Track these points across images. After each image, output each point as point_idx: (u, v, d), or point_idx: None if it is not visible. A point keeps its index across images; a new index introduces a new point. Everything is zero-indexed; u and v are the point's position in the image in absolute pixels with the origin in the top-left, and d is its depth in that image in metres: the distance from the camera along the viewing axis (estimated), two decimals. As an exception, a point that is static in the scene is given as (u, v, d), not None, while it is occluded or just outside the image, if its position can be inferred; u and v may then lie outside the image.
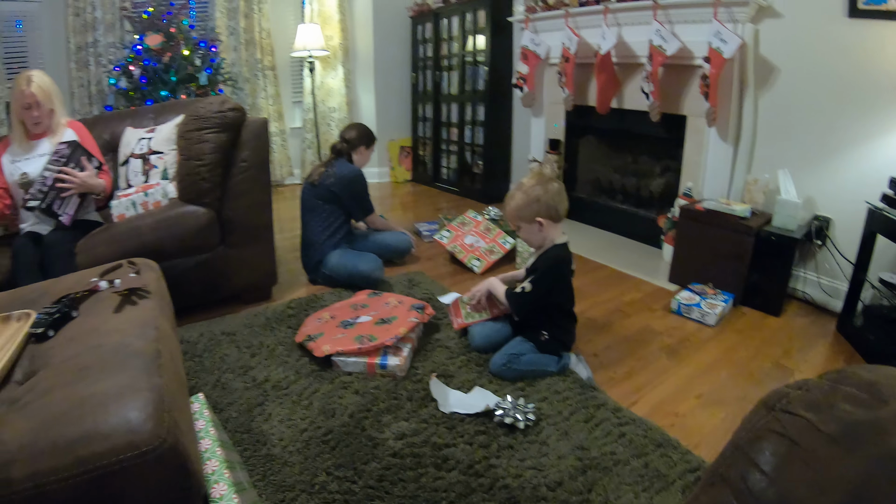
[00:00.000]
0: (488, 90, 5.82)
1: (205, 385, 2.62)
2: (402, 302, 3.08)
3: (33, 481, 1.16)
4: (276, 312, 3.36)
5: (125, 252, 2.78)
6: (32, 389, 1.42)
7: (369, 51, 7.05)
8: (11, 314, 1.84)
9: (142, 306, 1.90)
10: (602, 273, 3.95)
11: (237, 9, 6.96)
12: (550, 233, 2.63)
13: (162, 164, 3.57)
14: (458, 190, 6.41)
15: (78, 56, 6.55)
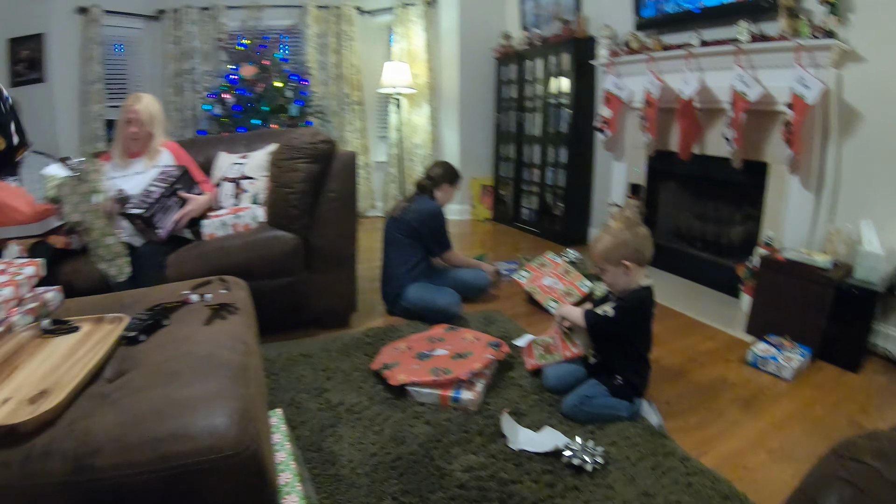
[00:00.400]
0: (571, 133, 5.85)
1: (280, 402, 2.71)
2: (479, 338, 3.11)
3: (117, 471, 1.25)
4: (354, 339, 3.45)
5: (213, 269, 2.92)
6: (123, 387, 1.52)
7: (455, 90, 7.19)
8: (105, 316, 1.98)
9: (231, 321, 2.01)
10: (678, 321, 3.92)
11: (328, 45, 7.28)
12: (635, 277, 2.64)
13: (253, 189, 3.79)
14: (538, 231, 6.42)
15: (175, 81, 6.98)
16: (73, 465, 1.25)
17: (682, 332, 3.71)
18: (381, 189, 7.74)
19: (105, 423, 1.35)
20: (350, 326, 3.75)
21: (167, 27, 7.05)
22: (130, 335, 1.84)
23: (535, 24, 6.59)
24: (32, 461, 1.26)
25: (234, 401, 1.44)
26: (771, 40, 3.77)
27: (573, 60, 5.75)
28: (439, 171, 4.04)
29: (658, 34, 4.78)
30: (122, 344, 1.83)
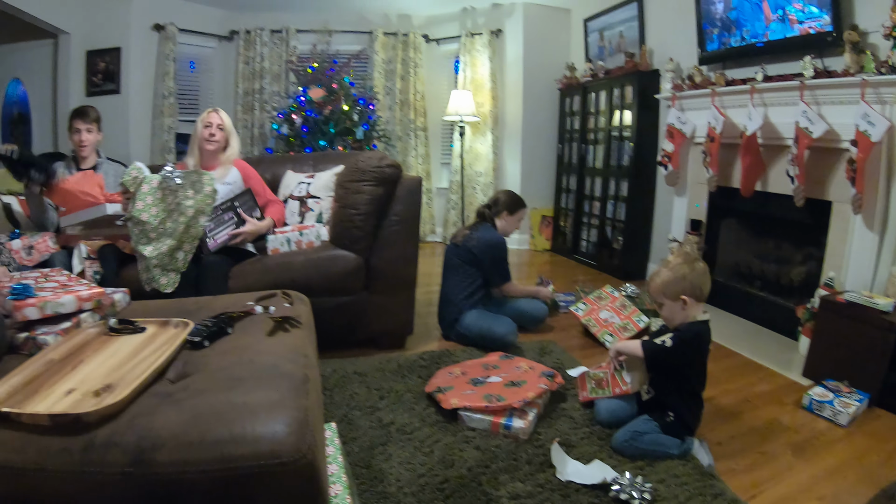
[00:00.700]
0: (632, 166, 5.79)
1: (333, 417, 2.73)
2: (533, 368, 3.09)
3: (176, 467, 1.30)
4: (409, 361, 3.46)
5: (275, 283, 3.00)
6: (185, 389, 1.57)
7: (518, 120, 7.22)
8: (170, 320, 2.06)
9: (293, 334, 2.06)
10: (734, 361, 3.84)
11: (394, 71, 7.41)
12: (692, 312, 2.61)
13: (318, 208, 3.88)
14: (596, 264, 6.35)
15: (245, 100, 7.20)
16: (133, 458, 1.31)
17: (738, 373, 3.64)
18: (442, 215, 7.79)
19: (167, 421, 1.40)
20: (405, 349, 3.77)
21: (239, 47, 7.29)
22: (195, 340, 1.90)
23: (599, 56, 6.59)
24: (93, 450, 1.32)
25: (294, 410, 1.47)
26: (835, 76, 3.68)
27: (636, 93, 5.70)
28: (501, 200, 4.04)
29: (722, 68, 4.72)
30: (187, 348, 1.89)
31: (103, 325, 2.04)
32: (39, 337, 1.97)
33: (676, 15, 5.25)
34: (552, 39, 7.19)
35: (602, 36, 6.56)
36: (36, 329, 2.04)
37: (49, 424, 1.39)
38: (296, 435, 1.39)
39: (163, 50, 6.81)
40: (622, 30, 6.19)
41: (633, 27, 5.98)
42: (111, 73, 6.71)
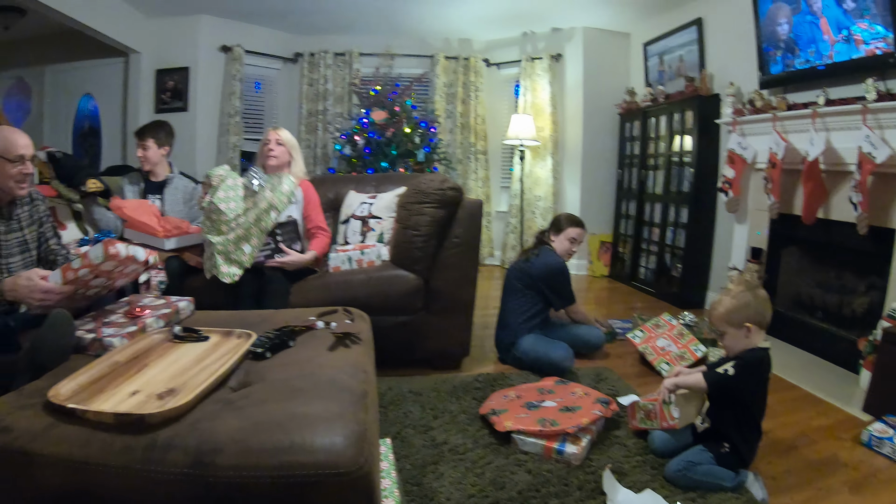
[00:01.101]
0: (693, 192, 5.69)
1: (386, 434, 2.72)
2: (589, 394, 3.05)
3: (235, 472, 1.34)
4: (464, 382, 3.44)
5: (335, 300, 3.02)
6: (247, 397, 1.62)
7: (578, 144, 7.18)
8: (233, 331, 2.13)
9: (353, 350, 2.09)
10: (792, 393, 3.74)
11: (455, 94, 7.46)
12: (755, 340, 2.57)
13: (379, 228, 3.93)
14: (654, 291, 6.24)
15: (308, 120, 7.34)
16: (194, 460, 1.35)
17: (796, 406, 3.54)
18: (501, 238, 7.76)
19: (228, 427, 1.44)
20: (461, 370, 3.75)
21: (304, 69, 7.43)
22: (257, 351, 1.95)
23: (659, 80, 6.52)
24: (155, 450, 1.38)
25: (352, 423, 1.50)
26: (899, 99, 3.61)
27: (697, 118, 5.62)
28: (556, 221, 4.04)
29: (783, 92, 4.62)
30: (249, 358, 1.94)
31: (168, 332, 2.11)
32: (106, 339, 2.05)
33: (736, 38, 5.18)
34: (612, 64, 7.16)
35: (662, 60, 6.50)
36: (103, 331, 2.12)
37: (113, 423, 1.46)
38: (354, 447, 1.41)
39: (229, 70, 6.99)
40: (682, 54, 6.13)
41: (693, 51, 5.91)
42: (179, 92, 6.91)
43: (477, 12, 6.63)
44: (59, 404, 1.52)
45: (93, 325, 2.25)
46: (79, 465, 1.38)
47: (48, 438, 1.44)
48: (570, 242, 3.97)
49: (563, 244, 3.94)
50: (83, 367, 1.73)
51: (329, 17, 6.86)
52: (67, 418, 1.50)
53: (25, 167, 2.53)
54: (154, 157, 3.97)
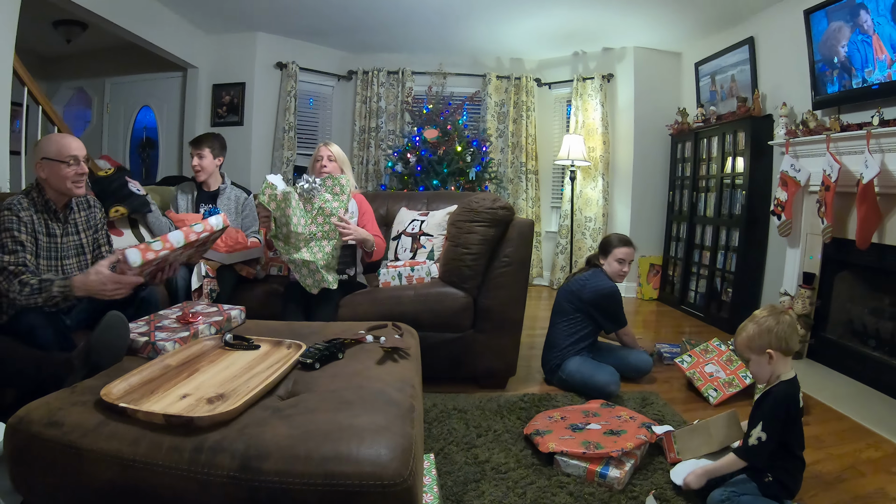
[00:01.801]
0: (745, 215, 5.59)
1: (430, 450, 2.72)
2: (634, 418, 3.02)
3: (281, 477, 1.38)
4: (509, 402, 3.41)
5: (384, 315, 3.06)
6: (295, 406, 1.65)
7: (629, 165, 7.12)
8: (283, 341, 2.17)
9: (401, 365, 2.11)
10: (842, 424, 3.63)
11: (507, 113, 7.49)
12: (779, 367, 2.50)
13: (430, 246, 3.94)
14: (704, 316, 6.12)
15: (361, 137, 7.42)
16: (241, 464, 1.39)
17: (845, 437, 3.43)
18: (550, 259, 7.73)
19: (276, 434, 1.47)
20: (506, 389, 3.72)
21: (357, 87, 7.51)
22: (307, 361, 1.99)
23: (711, 100, 6.43)
24: (203, 452, 1.42)
25: (399, 437, 1.51)
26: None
27: (749, 139, 5.52)
28: (602, 242, 4.00)
29: (837, 112, 4.51)
30: (298, 368, 1.98)
31: (219, 339, 2.16)
32: (158, 343, 2.11)
33: (789, 57, 5.10)
34: (663, 84, 7.10)
35: (714, 80, 6.41)
36: (156, 335, 2.17)
37: (163, 423, 1.50)
38: (399, 460, 1.43)
39: (284, 87, 7.10)
40: (734, 73, 6.04)
41: (745, 71, 5.82)
42: (235, 106, 7.06)
43: (529, 32, 6.65)
44: (110, 403, 1.57)
45: (146, 328, 2.32)
46: (127, 463, 1.43)
47: (99, 435, 1.49)
48: (619, 263, 3.89)
49: (612, 266, 3.89)
50: (135, 369, 1.80)
51: (383, 35, 6.95)
52: (118, 417, 1.55)
53: (80, 167, 2.69)
54: (209, 166, 4.04)
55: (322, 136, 7.69)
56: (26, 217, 2.58)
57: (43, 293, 2.38)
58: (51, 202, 2.71)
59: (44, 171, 2.66)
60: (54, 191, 2.70)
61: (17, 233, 2.52)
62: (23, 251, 2.51)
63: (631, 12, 5.91)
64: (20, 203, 2.58)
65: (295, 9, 6.15)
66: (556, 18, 6.17)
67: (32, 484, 1.58)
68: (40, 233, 2.65)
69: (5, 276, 2.43)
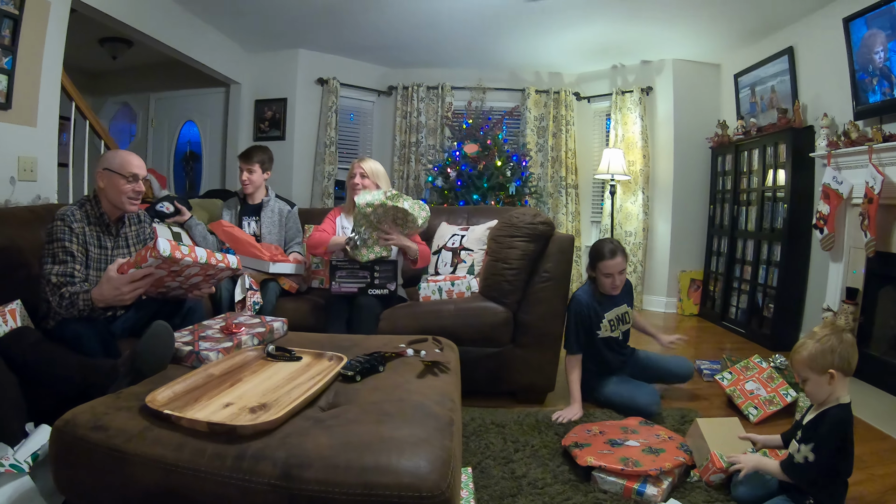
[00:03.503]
0: (786, 229, 5.48)
1: (467, 464, 2.70)
2: (673, 438, 2.98)
3: (321, 486, 1.41)
4: (547, 417, 3.38)
5: (424, 329, 3.07)
6: (336, 417, 1.68)
7: (669, 179, 7.06)
8: (325, 353, 2.22)
9: (442, 379, 2.13)
10: (885, 444, 3.53)
11: (546, 128, 7.48)
12: (838, 388, 2.44)
13: (470, 260, 3.95)
14: (745, 332, 6.01)
15: (401, 152, 7.48)
16: (282, 472, 1.42)
17: (888, 457, 3.34)
18: (590, 273, 7.68)
19: (317, 444, 1.51)
20: (545, 405, 3.70)
21: (397, 102, 7.58)
22: (348, 374, 2.03)
23: (751, 112, 6.33)
24: (245, 460, 1.45)
25: (438, 450, 1.54)
26: None
27: (790, 151, 5.42)
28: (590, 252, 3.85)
29: (879, 122, 4.40)
30: (339, 380, 2.01)
31: (262, 350, 2.22)
32: (202, 352, 2.17)
33: (830, 67, 5.01)
34: (703, 96, 7.04)
35: (753, 91, 6.32)
36: (199, 345, 2.23)
37: (206, 431, 1.55)
38: (437, 473, 1.45)
39: (325, 102, 7.19)
40: (774, 84, 5.95)
41: (785, 81, 5.74)
42: (277, 121, 7.18)
43: (567, 45, 6.65)
44: (155, 409, 1.62)
45: (190, 337, 2.38)
46: (170, 468, 1.47)
47: (143, 440, 1.54)
48: (606, 277, 3.57)
49: (600, 279, 3.63)
50: (180, 377, 1.85)
51: (422, 51, 7.01)
52: (162, 423, 1.60)
53: (138, 185, 2.81)
54: (258, 180, 4.13)
55: (363, 151, 7.77)
56: (78, 228, 2.67)
57: (73, 307, 2.47)
58: (105, 215, 2.81)
59: (103, 181, 2.77)
60: (109, 203, 2.80)
61: (69, 243, 2.60)
62: (72, 261, 2.59)
63: (669, 24, 5.89)
64: (73, 214, 2.67)
65: (336, 26, 6.24)
66: (593, 32, 6.17)
67: (76, 485, 1.64)
68: (91, 244, 2.73)
69: (50, 287, 2.51)
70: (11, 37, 3.61)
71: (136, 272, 2.39)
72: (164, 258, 2.33)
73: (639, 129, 7.09)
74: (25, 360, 2.24)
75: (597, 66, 7.47)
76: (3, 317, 2.44)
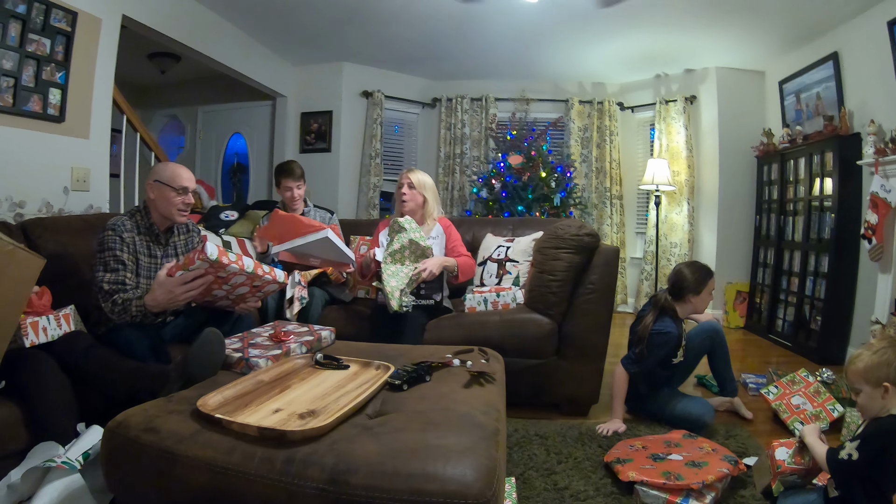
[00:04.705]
0: (833, 239, 5.33)
1: (509, 474, 2.71)
2: (716, 450, 2.94)
3: (368, 492, 1.43)
4: (590, 429, 3.36)
5: (469, 340, 3.08)
6: (383, 425, 1.71)
7: (714, 189, 6.95)
8: (372, 362, 2.26)
9: (487, 389, 2.15)
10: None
11: (590, 138, 7.46)
12: (891, 402, 2.40)
13: (515, 272, 3.97)
14: (791, 345, 5.87)
15: (446, 163, 7.53)
16: (330, 477, 1.45)
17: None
18: (635, 286, 7.61)
19: (365, 450, 1.53)
20: (588, 417, 3.66)
21: (441, 113, 7.63)
22: (395, 383, 2.06)
23: (796, 120, 6.19)
24: (294, 464, 1.49)
25: (483, 458, 1.55)
26: None
27: (837, 160, 5.28)
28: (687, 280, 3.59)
29: None
30: (386, 389, 2.04)
31: (310, 358, 2.28)
32: (252, 359, 2.23)
33: (875, 72, 4.90)
34: (747, 104, 6.91)
35: (799, 99, 6.18)
36: (249, 352, 2.30)
37: (256, 435, 1.59)
38: (483, 481, 1.46)
39: (370, 114, 7.28)
40: (819, 91, 5.80)
41: (831, 88, 5.60)
42: (323, 133, 7.27)
43: (609, 56, 6.64)
44: (206, 413, 1.68)
45: (240, 345, 2.45)
46: (220, 470, 1.51)
47: (194, 442, 1.59)
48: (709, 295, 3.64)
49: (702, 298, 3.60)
50: (230, 383, 1.91)
51: (466, 63, 7.05)
52: (213, 427, 1.65)
53: (188, 198, 2.90)
54: (303, 193, 4.23)
55: (408, 163, 7.84)
56: (129, 238, 2.75)
57: (126, 312, 2.55)
58: (154, 225, 2.90)
59: (153, 193, 2.85)
60: (159, 214, 2.89)
61: (119, 252, 2.68)
62: (123, 269, 2.67)
63: (711, 32, 5.85)
64: (123, 224, 2.75)
65: (380, 40, 6.33)
66: (636, 41, 6.16)
67: (126, 484, 1.69)
68: (141, 253, 2.81)
69: (102, 294, 2.60)
70: (65, 52, 3.74)
71: (186, 274, 2.45)
72: (212, 261, 2.39)
73: (683, 138, 7.03)
74: (78, 363, 2.33)
75: (640, 76, 7.44)
76: (57, 321, 2.51)
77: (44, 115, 3.63)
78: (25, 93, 3.50)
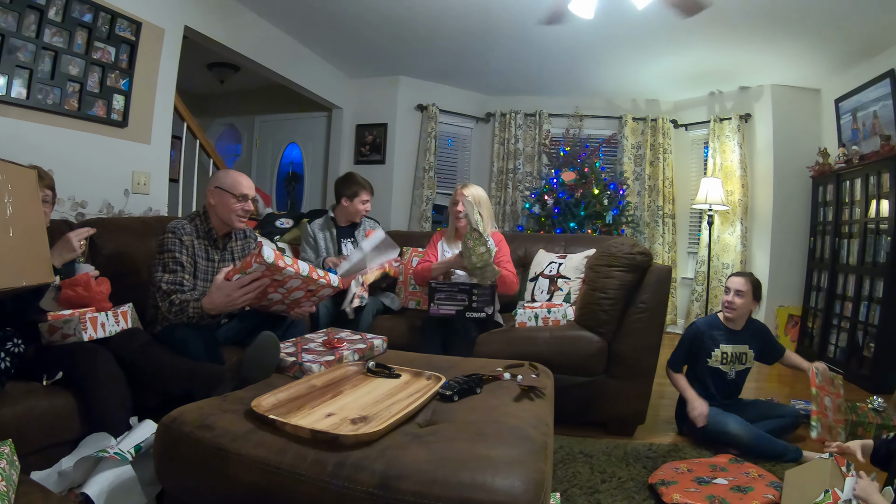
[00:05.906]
0: (889, 263, 5.14)
1: (553, 490, 2.70)
2: (763, 476, 2.91)
3: (417, 498, 1.44)
4: (636, 450, 3.33)
5: (518, 354, 3.07)
6: (434, 434, 1.73)
7: (768, 209, 6.83)
8: (424, 372, 2.30)
9: (537, 403, 2.16)
10: None
11: (644, 156, 7.40)
12: None
13: (567, 288, 3.97)
14: (843, 372, 5.62)
15: (498, 178, 7.56)
16: (380, 482, 1.47)
17: None
18: (685, 306, 7.50)
19: (415, 457, 1.55)
20: (634, 437, 3.63)
21: (495, 128, 7.68)
22: (446, 393, 2.08)
23: (853, 139, 6.02)
24: (345, 468, 1.51)
25: (532, 471, 1.55)
26: None
27: (894, 181, 5.11)
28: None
29: None
30: (437, 399, 2.07)
31: (362, 366, 2.33)
32: (305, 364, 2.30)
33: None
34: (803, 123, 6.77)
35: (855, 117, 6.02)
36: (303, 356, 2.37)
37: (309, 438, 1.63)
38: (531, 494, 1.47)
39: (425, 128, 7.35)
40: (876, 109, 5.65)
41: (888, 106, 5.44)
42: (377, 145, 7.36)
43: (663, 72, 6.61)
44: (260, 414, 1.72)
45: (293, 349, 2.52)
46: (271, 470, 1.55)
47: (247, 441, 1.63)
48: (725, 292, 3.77)
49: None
50: (283, 385, 1.96)
51: (520, 78, 7.09)
52: (266, 427, 1.69)
53: (247, 205, 2.98)
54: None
55: (461, 177, 7.90)
56: (188, 241, 2.83)
57: (183, 313, 2.61)
58: (213, 230, 2.98)
59: (213, 199, 2.94)
60: (218, 219, 2.97)
61: (179, 254, 2.76)
62: (181, 271, 2.75)
63: (766, 49, 5.77)
64: (183, 228, 2.84)
65: (436, 54, 6.40)
66: (690, 58, 6.12)
67: (177, 479, 1.74)
68: (199, 257, 2.89)
69: (160, 294, 2.68)
70: (129, 61, 3.88)
71: (244, 277, 2.51)
72: (268, 265, 2.45)
73: (737, 157, 6.93)
74: (134, 360, 2.41)
75: (694, 93, 7.38)
76: (115, 317, 2.60)
77: (107, 119, 3.78)
78: (90, 98, 3.65)
